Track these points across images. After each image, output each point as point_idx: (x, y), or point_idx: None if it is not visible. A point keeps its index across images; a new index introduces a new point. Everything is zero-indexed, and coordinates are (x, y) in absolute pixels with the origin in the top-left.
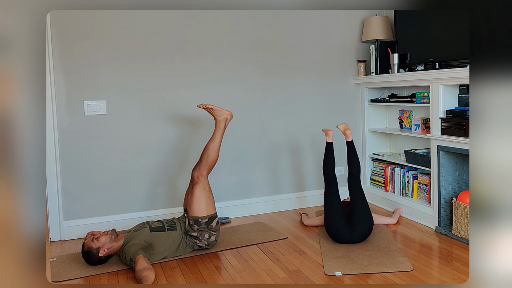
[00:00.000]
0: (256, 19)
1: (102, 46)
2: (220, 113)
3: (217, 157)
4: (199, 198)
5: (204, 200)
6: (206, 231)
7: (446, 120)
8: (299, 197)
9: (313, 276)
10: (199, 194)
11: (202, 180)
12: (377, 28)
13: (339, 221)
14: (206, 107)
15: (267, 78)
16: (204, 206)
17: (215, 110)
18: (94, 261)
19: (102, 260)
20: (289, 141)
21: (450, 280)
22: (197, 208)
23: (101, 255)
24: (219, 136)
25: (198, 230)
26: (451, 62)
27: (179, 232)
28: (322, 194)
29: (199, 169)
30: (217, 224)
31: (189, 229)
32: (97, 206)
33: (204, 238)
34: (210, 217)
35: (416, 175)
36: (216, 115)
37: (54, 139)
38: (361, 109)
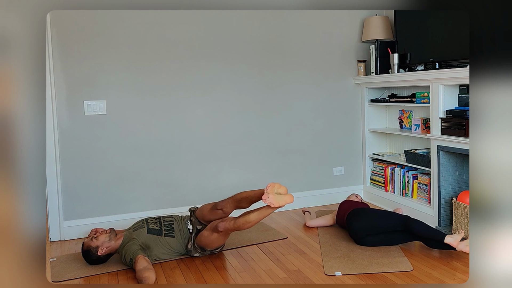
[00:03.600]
0: (256, 19)
1: (102, 46)
2: (276, 200)
3: (245, 228)
4: (213, 241)
5: (216, 242)
6: (208, 253)
7: (446, 120)
8: (300, 197)
9: (313, 276)
10: (215, 239)
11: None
12: (377, 28)
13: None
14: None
15: (267, 77)
16: (215, 243)
17: (271, 197)
18: (93, 260)
19: (102, 259)
20: (289, 141)
21: (450, 280)
22: (207, 245)
23: (100, 254)
24: (263, 217)
25: (200, 253)
26: (451, 62)
27: (176, 240)
28: (322, 194)
29: (228, 224)
30: (220, 249)
31: (192, 250)
32: (97, 206)
33: (205, 253)
34: (216, 248)
35: (416, 175)
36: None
37: (54, 139)
38: (361, 109)
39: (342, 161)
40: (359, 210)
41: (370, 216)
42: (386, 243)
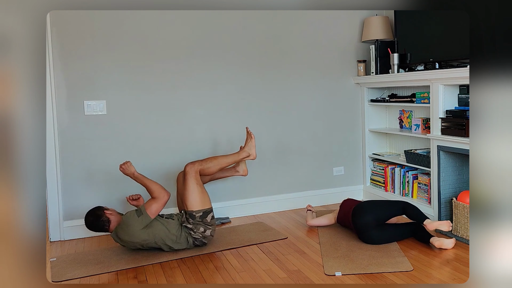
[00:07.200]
0: (256, 19)
1: (102, 46)
2: (251, 147)
3: (214, 172)
4: (192, 191)
5: (197, 194)
6: (201, 225)
7: (446, 120)
8: (299, 197)
9: (313, 276)
10: (191, 187)
11: (192, 173)
12: (377, 28)
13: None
14: (249, 132)
15: (267, 77)
16: (198, 200)
17: (251, 141)
18: (94, 226)
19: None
20: (289, 141)
21: (450, 280)
22: (191, 202)
23: (106, 213)
24: (231, 159)
25: (193, 223)
26: (451, 62)
27: (176, 222)
28: (322, 194)
29: (193, 165)
30: (212, 219)
31: (185, 220)
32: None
33: (199, 230)
34: (204, 211)
35: (416, 175)
36: (247, 145)
37: (54, 139)
38: (361, 109)
39: (342, 161)
40: (361, 205)
41: (372, 209)
42: (394, 238)
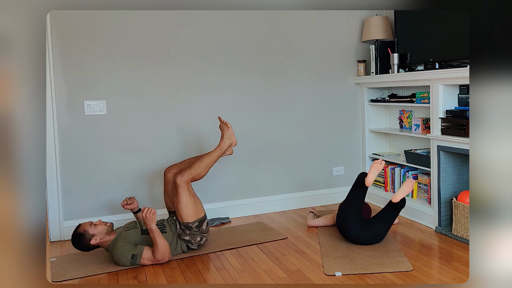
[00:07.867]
0: (256, 19)
1: (102, 46)
2: (230, 135)
3: (205, 174)
4: (186, 204)
5: (191, 205)
6: (198, 234)
7: (446, 120)
8: (299, 197)
9: (313, 276)
10: (185, 200)
11: (183, 185)
12: (377, 28)
13: (354, 219)
14: (223, 121)
15: (267, 78)
16: (192, 212)
17: (229, 129)
18: (82, 246)
19: (90, 248)
20: (289, 141)
21: (450, 280)
22: (186, 214)
23: (92, 243)
24: (217, 155)
25: (190, 235)
26: (451, 62)
27: (169, 234)
28: (322, 194)
29: (183, 176)
30: (207, 226)
31: (181, 233)
32: (97, 206)
33: (196, 241)
34: (199, 221)
35: (416, 175)
36: (225, 135)
37: (54, 139)
38: (361, 109)
39: (342, 161)
40: (338, 221)
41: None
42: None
